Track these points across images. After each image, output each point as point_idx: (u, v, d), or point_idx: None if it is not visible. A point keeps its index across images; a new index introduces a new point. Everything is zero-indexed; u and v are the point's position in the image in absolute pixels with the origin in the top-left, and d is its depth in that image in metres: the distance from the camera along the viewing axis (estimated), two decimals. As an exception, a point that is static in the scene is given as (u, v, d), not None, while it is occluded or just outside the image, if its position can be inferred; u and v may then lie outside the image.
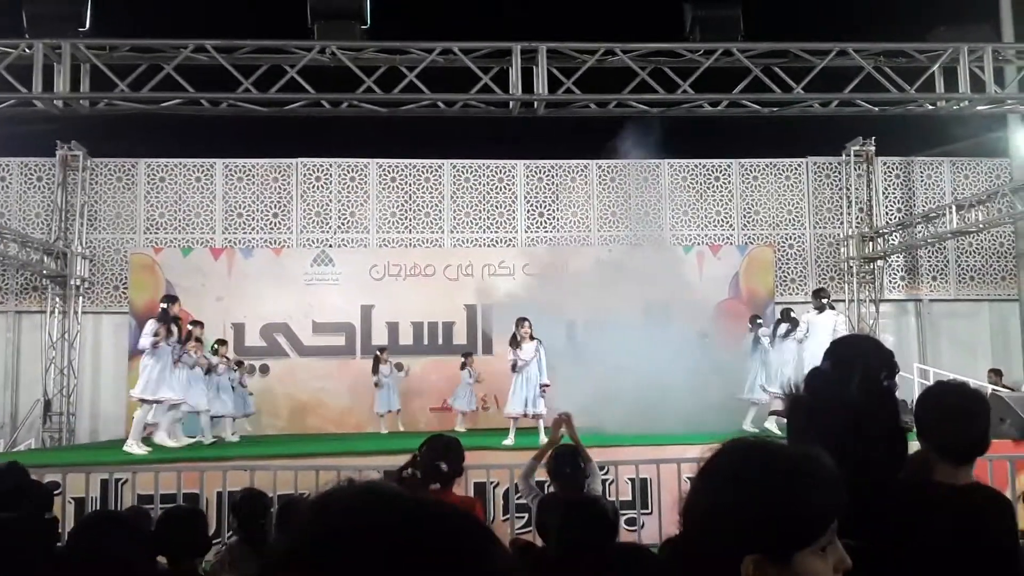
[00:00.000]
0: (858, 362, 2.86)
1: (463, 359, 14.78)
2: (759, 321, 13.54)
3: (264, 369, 15.70)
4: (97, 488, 8.38)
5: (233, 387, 13.33)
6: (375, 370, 14.50)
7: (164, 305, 11.47)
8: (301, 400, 15.65)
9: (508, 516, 8.05)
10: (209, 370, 12.68)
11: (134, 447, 10.48)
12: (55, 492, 7.75)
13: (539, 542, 4.33)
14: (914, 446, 2.81)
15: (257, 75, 11.73)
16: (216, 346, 13.32)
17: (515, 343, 11.54)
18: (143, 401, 10.95)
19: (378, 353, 14.72)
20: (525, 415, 11.35)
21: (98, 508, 8.29)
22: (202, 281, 15.85)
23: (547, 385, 11.44)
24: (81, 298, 16.26)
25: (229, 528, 5.64)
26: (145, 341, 11.01)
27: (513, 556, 0.86)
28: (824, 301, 12.87)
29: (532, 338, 11.50)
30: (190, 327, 12.28)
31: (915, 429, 2.76)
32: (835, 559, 1.48)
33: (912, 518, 2.57)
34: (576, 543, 3.29)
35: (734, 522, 1.44)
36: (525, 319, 11.61)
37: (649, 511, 8.37)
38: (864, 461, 2.71)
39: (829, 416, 2.87)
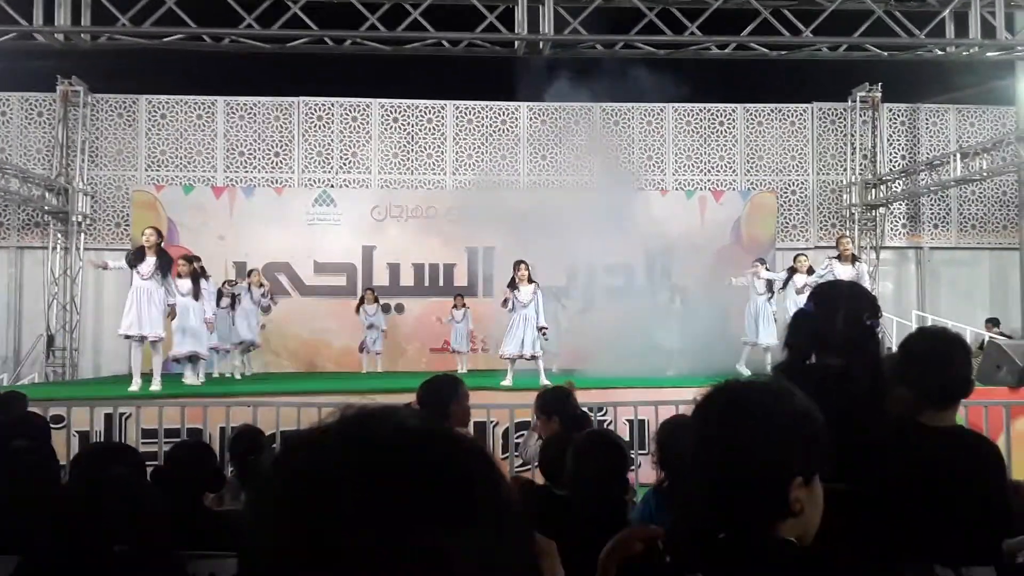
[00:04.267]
0: (841, 303, 2.90)
1: (454, 300, 14.92)
2: (765, 266, 13.42)
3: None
4: (101, 422, 8.48)
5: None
6: (357, 310, 14.84)
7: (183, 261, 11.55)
8: (303, 339, 15.73)
9: (507, 454, 8.15)
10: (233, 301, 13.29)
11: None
12: (60, 425, 7.86)
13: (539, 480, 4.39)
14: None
15: (260, 11, 11.62)
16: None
17: (512, 285, 11.59)
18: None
19: (367, 292, 14.94)
20: (522, 356, 11.42)
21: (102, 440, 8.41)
22: (203, 219, 15.84)
23: (545, 327, 11.52)
24: (83, 234, 16.26)
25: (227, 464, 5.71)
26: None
27: (501, 476, 0.85)
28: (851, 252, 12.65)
29: (530, 281, 11.54)
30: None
31: (900, 374, 2.80)
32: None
33: (897, 460, 2.62)
34: (591, 472, 3.35)
35: (786, 448, 1.54)
36: (522, 262, 11.65)
37: (646, 452, 8.45)
38: (849, 398, 2.76)
39: (816, 355, 2.92)
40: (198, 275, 11.62)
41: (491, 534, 0.78)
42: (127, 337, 10.43)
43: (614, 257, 14.80)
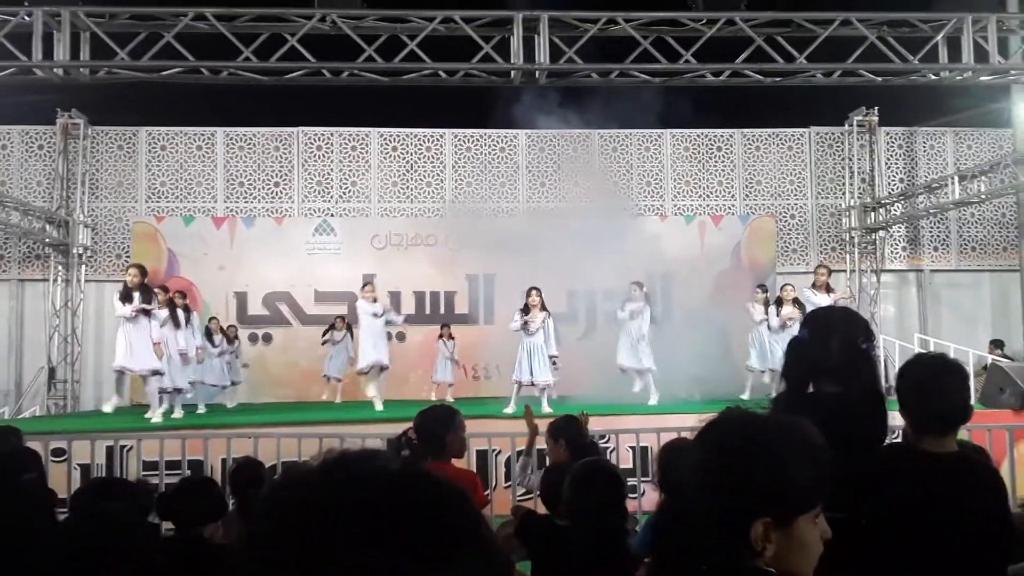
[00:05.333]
0: (834, 328, 2.91)
1: (440, 331, 14.93)
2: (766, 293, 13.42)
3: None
4: (103, 455, 8.46)
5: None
6: (325, 333, 14.91)
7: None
8: (304, 368, 15.70)
9: (510, 483, 8.11)
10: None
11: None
12: (61, 458, 7.85)
13: (541, 510, 4.38)
14: (897, 418, 2.85)
15: (257, 43, 11.69)
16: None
17: (526, 311, 11.57)
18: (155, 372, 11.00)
19: (338, 321, 14.95)
20: (532, 384, 11.38)
21: (103, 474, 8.39)
22: (204, 250, 15.88)
23: (556, 356, 11.49)
24: (84, 266, 16.30)
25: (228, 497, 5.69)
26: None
27: (479, 515, 0.88)
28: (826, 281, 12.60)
29: (542, 308, 11.53)
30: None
31: (897, 401, 2.80)
32: (820, 528, 1.55)
33: (897, 487, 2.61)
34: (588, 504, 3.34)
35: (745, 488, 1.51)
36: (535, 288, 11.64)
37: (650, 479, 8.43)
38: (849, 425, 2.75)
39: (814, 383, 2.92)
40: (174, 304, 11.59)
41: (468, 571, 0.81)
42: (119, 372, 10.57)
43: (614, 282, 14.79)
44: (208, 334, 13.51)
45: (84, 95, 15.04)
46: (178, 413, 11.39)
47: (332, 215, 16.68)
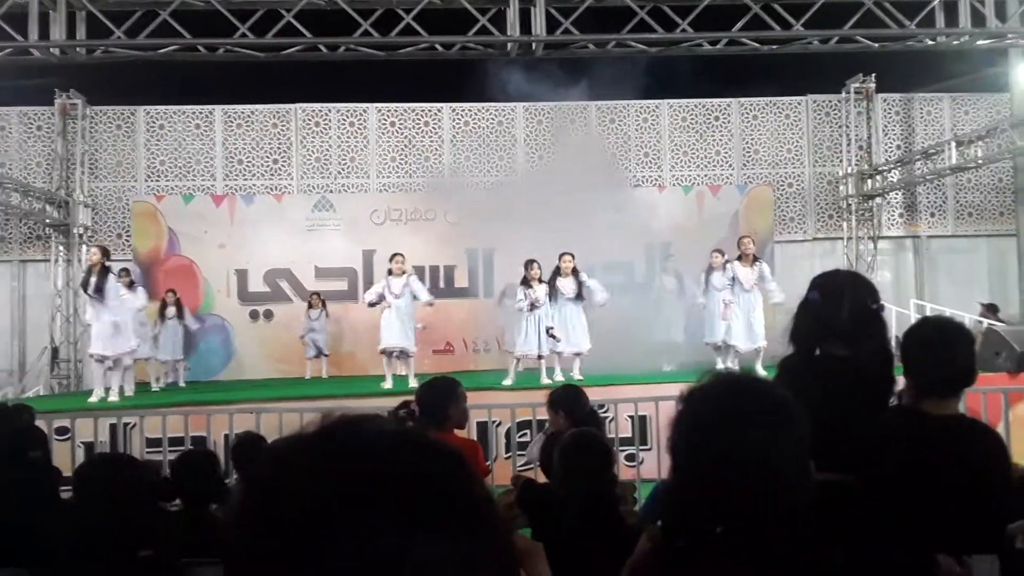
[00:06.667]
0: (845, 291, 2.94)
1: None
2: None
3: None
4: (106, 432, 8.55)
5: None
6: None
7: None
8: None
9: (510, 454, 8.21)
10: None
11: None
12: (65, 437, 7.94)
13: (541, 479, 4.46)
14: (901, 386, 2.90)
15: (253, 20, 11.68)
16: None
17: (527, 284, 11.56)
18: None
19: (313, 297, 15.06)
20: (540, 356, 11.42)
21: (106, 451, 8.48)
22: (204, 228, 15.89)
23: (552, 327, 11.50)
24: (84, 246, 16.32)
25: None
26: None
27: (476, 477, 0.90)
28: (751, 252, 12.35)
29: (541, 280, 11.54)
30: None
31: (901, 363, 2.84)
32: None
33: (897, 449, 2.66)
34: (575, 471, 3.41)
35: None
36: (533, 260, 11.64)
37: (648, 447, 8.53)
38: (858, 388, 2.80)
39: (821, 346, 2.97)
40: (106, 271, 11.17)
41: (464, 536, 0.80)
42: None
43: (613, 254, 14.80)
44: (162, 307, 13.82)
45: (82, 75, 15.03)
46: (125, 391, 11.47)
47: (331, 191, 16.69)
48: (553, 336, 11.40)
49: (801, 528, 1.60)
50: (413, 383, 11.19)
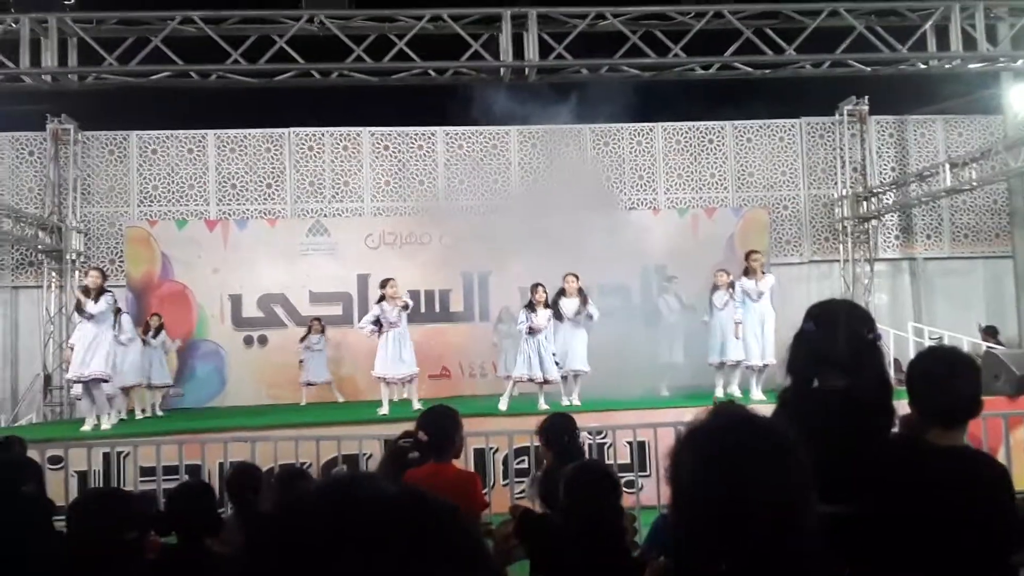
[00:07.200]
0: (840, 321, 2.90)
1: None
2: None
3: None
4: (99, 462, 8.46)
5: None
6: (304, 339, 14.85)
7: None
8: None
9: (508, 481, 8.14)
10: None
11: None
12: (58, 466, 7.85)
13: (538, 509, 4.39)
14: (904, 410, 2.86)
15: (245, 46, 11.69)
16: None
17: (531, 308, 11.49)
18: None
19: (313, 322, 14.96)
20: (531, 380, 11.35)
21: (101, 481, 8.39)
22: (198, 253, 15.84)
23: (555, 353, 11.43)
24: (77, 272, 16.25)
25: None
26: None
27: (475, 536, 0.91)
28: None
29: (546, 305, 11.49)
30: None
31: (906, 393, 2.80)
32: None
33: (901, 479, 2.62)
34: (582, 504, 3.35)
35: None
36: (539, 284, 11.59)
37: (647, 474, 8.46)
38: (857, 420, 2.76)
39: (819, 377, 2.92)
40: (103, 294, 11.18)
41: None
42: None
43: (609, 277, 14.78)
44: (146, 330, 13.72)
45: (74, 100, 15.01)
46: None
47: (325, 215, 16.66)
48: (558, 363, 11.35)
49: (807, 562, 1.60)
50: (418, 406, 11.16)
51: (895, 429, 2.89)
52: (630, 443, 8.35)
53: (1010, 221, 16.32)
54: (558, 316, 11.53)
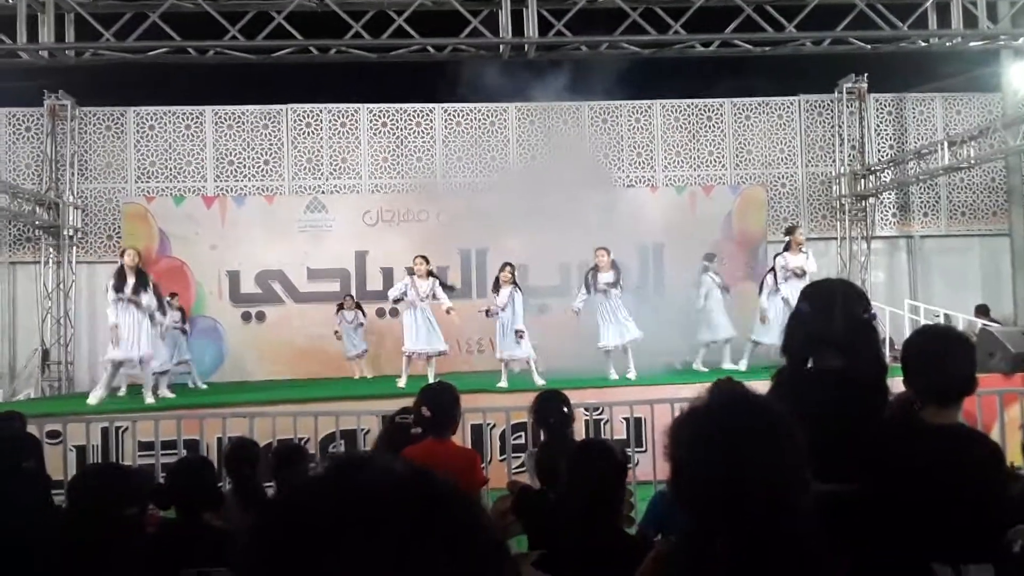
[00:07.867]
0: (836, 300, 2.92)
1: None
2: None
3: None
4: (98, 436, 8.49)
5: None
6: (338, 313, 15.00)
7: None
8: (298, 346, 15.72)
9: (505, 457, 8.18)
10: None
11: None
12: (56, 440, 7.88)
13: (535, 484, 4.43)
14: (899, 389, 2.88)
15: (243, 22, 11.63)
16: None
17: (496, 287, 11.58)
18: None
19: (346, 298, 15.07)
20: (515, 359, 11.44)
21: (99, 456, 8.42)
22: (195, 230, 15.82)
23: (521, 331, 11.41)
24: (75, 248, 16.28)
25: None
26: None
27: (480, 517, 0.93)
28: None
29: (512, 283, 11.52)
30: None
31: (901, 371, 2.82)
32: None
33: (896, 458, 2.64)
34: (587, 483, 3.36)
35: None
36: (508, 263, 11.67)
37: (644, 449, 8.50)
38: (853, 400, 2.78)
39: (814, 357, 2.94)
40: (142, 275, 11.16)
41: (470, 567, 0.84)
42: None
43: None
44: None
45: (71, 76, 14.93)
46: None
47: (323, 192, 16.64)
48: (520, 338, 11.35)
49: (803, 540, 1.62)
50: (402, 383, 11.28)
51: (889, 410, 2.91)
52: (627, 419, 8.39)
53: (1007, 199, 16.31)
54: (596, 290, 11.56)
